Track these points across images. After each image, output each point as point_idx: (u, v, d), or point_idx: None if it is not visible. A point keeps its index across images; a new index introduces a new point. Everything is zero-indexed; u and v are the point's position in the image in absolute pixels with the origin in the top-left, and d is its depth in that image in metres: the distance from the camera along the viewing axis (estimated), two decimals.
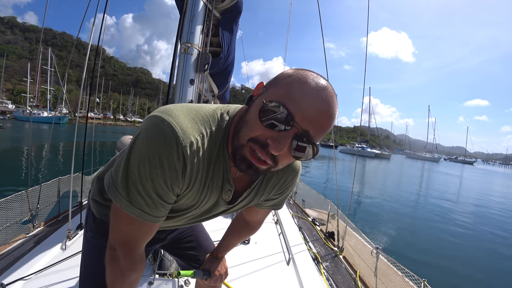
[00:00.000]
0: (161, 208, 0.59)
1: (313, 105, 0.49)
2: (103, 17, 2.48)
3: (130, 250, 0.64)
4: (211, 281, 0.98)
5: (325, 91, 0.51)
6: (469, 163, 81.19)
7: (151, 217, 0.59)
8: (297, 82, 0.51)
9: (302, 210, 4.44)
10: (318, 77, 0.53)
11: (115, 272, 0.65)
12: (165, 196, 0.57)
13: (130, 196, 0.56)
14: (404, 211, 9.81)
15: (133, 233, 0.62)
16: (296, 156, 0.54)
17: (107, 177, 0.63)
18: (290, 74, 0.54)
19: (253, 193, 0.74)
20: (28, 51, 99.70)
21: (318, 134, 0.52)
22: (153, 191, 0.55)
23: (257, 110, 0.52)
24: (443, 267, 5.34)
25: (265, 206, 0.85)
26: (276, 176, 0.76)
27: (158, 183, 0.54)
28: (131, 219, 0.59)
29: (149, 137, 0.52)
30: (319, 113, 0.50)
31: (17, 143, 17.07)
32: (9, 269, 1.74)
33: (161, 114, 0.54)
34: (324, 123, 0.51)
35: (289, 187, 0.82)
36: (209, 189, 0.65)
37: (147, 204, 0.57)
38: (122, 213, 0.58)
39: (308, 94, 0.50)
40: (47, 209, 2.88)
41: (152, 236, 0.67)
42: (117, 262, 0.63)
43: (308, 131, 0.51)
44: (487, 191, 19.60)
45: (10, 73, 74.00)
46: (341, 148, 72.69)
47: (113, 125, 63.33)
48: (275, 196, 0.82)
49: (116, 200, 0.57)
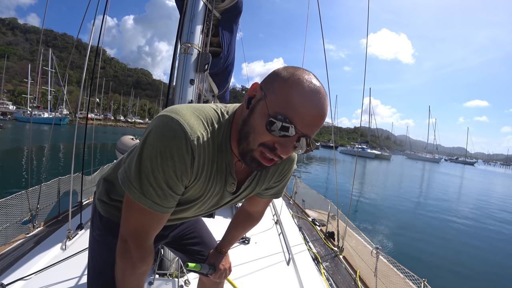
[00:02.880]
0: (171, 199, 0.65)
1: (310, 112, 0.57)
2: (103, 18, 2.49)
3: (141, 241, 0.68)
4: (216, 275, 0.99)
5: (319, 94, 0.58)
6: (469, 164, 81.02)
7: (161, 208, 0.64)
8: (295, 90, 0.57)
9: (302, 210, 4.44)
10: (311, 78, 0.59)
11: (126, 264, 0.68)
12: (174, 187, 0.63)
13: (142, 188, 0.61)
14: (404, 212, 9.80)
15: (144, 224, 0.67)
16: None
17: (121, 172, 0.68)
18: (286, 79, 0.59)
19: (255, 182, 0.80)
20: (29, 52, 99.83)
21: (314, 132, 0.61)
22: (164, 182, 0.61)
23: (263, 119, 0.58)
24: (443, 267, 5.33)
25: (266, 195, 0.91)
26: (274, 165, 0.81)
27: (168, 174, 0.60)
28: (143, 210, 0.64)
29: (160, 133, 0.58)
30: (315, 117, 0.58)
31: (17, 143, 17.10)
32: (9, 269, 1.74)
33: (169, 113, 0.60)
34: (319, 123, 0.59)
35: (287, 175, 0.88)
36: (214, 181, 0.70)
37: (158, 196, 0.62)
38: (135, 205, 0.64)
39: (305, 102, 0.56)
40: (47, 209, 2.88)
41: (162, 228, 0.72)
42: (128, 253, 0.67)
43: (308, 134, 0.59)
44: (487, 191, 19.56)
45: (11, 74, 74.10)
46: (341, 149, 72.55)
47: (113, 126, 63.42)
48: (275, 184, 0.88)
49: (130, 192, 0.62)
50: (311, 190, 5.09)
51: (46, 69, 47.65)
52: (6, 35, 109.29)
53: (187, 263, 0.90)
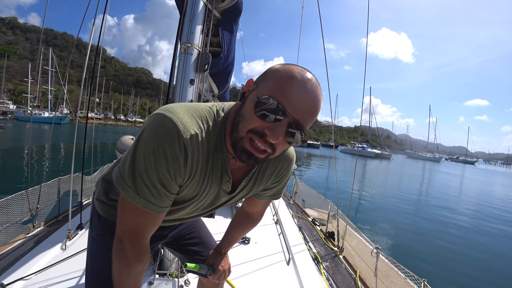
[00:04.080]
0: (165, 198, 0.64)
1: (301, 96, 0.56)
2: (103, 17, 2.49)
3: (136, 241, 0.68)
4: (215, 276, 0.99)
5: (310, 82, 0.58)
6: (470, 163, 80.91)
7: (155, 207, 0.64)
8: (285, 76, 0.57)
9: (302, 210, 4.43)
10: (303, 70, 0.59)
11: (122, 263, 0.68)
12: (168, 186, 0.62)
13: (136, 186, 0.60)
14: (404, 211, 9.79)
15: (139, 223, 0.66)
16: (288, 141, 0.61)
17: (115, 171, 0.68)
18: (278, 69, 0.60)
19: (251, 182, 0.79)
20: (29, 51, 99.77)
21: (307, 121, 0.59)
22: (157, 181, 0.60)
23: (252, 104, 0.58)
24: (443, 267, 5.33)
25: (265, 196, 0.90)
26: (271, 165, 0.81)
27: (162, 173, 0.59)
28: (138, 210, 0.63)
29: (153, 131, 0.58)
30: (307, 102, 0.57)
31: (17, 143, 17.11)
32: (9, 269, 1.74)
33: (163, 112, 0.60)
34: (311, 111, 0.58)
35: (285, 176, 0.87)
36: (209, 180, 0.70)
37: (152, 194, 0.62)
38: (129, 204, 0.63)
39: (295, 86, 0.56)
40: (47, 209, 2.88)
41: (157, 228, 0.71)
42: (124, 253, 0.67)
43: (299, 120, 0.57)
44: (488, 191, 19.55)
45: (11, 73, 74.03)
46: (341, 148, 72.43)
47: (114, 125, 63.43)
48: (273, 185, 0.87)
49: (124, 191, 0.62)
50: (311, 190, 5.09)
51: (47, 68, 47.66)
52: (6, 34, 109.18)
53: (186, 263, 0.90)
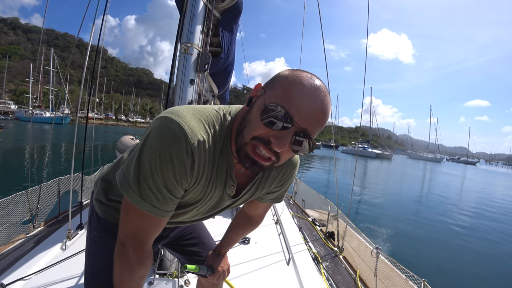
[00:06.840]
0: (170, 203, 0.63)
1: (309, 105, 0.54)
2: (103, 17, 2.49)
3: (140, 245, 0.67)
4: (214, 277, 0.99)
5: (319, 90, 0.56)
6: (471, 164, 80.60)
7: (160, 212, 0.63)
8: (294, 84, 0.56)
9: (302, 210, 4.43)
10: (312, 77, 0.58)
11: (124, 267, 0.67)
12: (174, 190, 0.61)
13: (141, 191, 0.59)
14: (405, 211, 9.77)
15: (143, 227, 0.65)
16: (294, 150, 0.59)
17: (119, 174, 0.66)
18: (287, 76, 0.58)
19: (255, 187, 0.78)
20: (30, 52, 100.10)
21: (315, 130, 0.58)
22: (163, 186, 0.59)
23: (259, 111, 0.57)
24: (443, 267, 5.31)
25: (267, 199, 0.89)
26: (275, 170, 0.80)
27: (168, 178, 0.58)
28: (142, 214, 0.62)
29: (159, 135, 0.56)
30: (315, 111, 0.55)
31: (18, 143, 17.14)
32: (9, 269, 1.74)
33: (170, 115, 0.58)
34: (320, 120, 0.57)
35: (289, 180, 0.86)
36: (214, 184, 0.69)
37: (157, 199, 0.60)
38: (133, 209, 0.62)
39: (304, 95, 0.55)
40: (47, 209, 2.88)
41: (160, 231, 0.70)
42: (126, 257, 0.66)
43: (306, 129, 0.56)
44: (489, 191, 19.49)
45: (12, 73, 74.29)
46: (342, 148, 72.37)
47: (114, 125, 63.49)
48: (276, 189, 0.86)
49: (128, 195, 0.61)
50: (311, 190, 5.08)
51: (48, 68, 47.85)
52: (8, 35, 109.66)
53: (185, 265, 0.90)
